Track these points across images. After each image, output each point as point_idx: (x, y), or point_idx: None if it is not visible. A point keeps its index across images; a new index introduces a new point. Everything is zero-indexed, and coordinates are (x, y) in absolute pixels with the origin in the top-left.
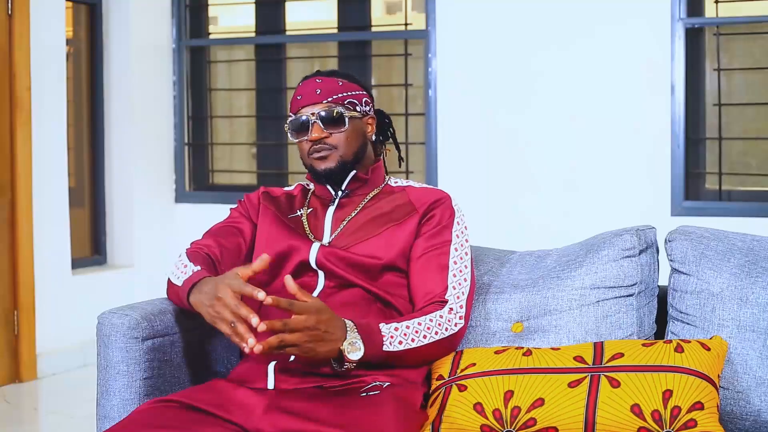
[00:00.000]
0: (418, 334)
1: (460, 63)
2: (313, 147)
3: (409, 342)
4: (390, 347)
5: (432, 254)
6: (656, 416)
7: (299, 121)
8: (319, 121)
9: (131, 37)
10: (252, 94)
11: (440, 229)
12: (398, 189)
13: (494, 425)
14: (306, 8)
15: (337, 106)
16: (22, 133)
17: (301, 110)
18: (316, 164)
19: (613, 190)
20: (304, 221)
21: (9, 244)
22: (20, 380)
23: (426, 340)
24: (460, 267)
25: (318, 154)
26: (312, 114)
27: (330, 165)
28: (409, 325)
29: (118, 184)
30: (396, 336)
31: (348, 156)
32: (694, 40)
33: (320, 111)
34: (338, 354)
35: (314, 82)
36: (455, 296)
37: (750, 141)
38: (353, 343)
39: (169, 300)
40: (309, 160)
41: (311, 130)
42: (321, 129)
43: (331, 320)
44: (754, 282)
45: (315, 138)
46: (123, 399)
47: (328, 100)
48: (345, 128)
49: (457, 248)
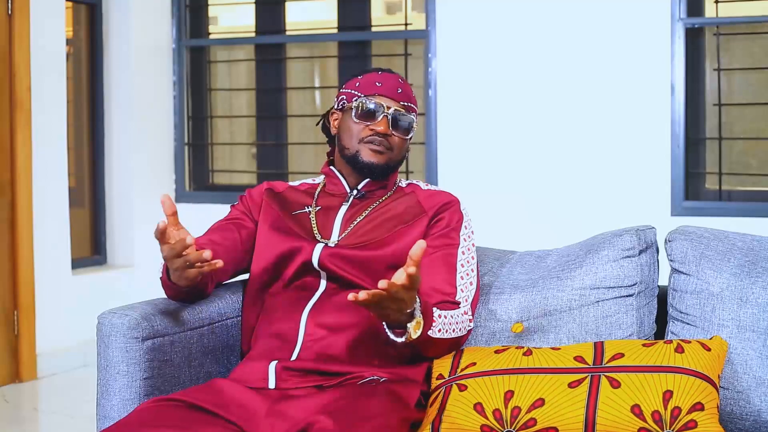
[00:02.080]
0: (450, 326)
1: (460, 63)
2: (372, 138)
3: (444, 333)
4: (433, 333)
5: (440, 253)
6: (656, 417)
7: (372, 105)
8: (390, 118)
9: (131, 37)
10: (252, 94)
11: (448, 231)
12: (408, 190)
13: (494, 425)
14: (306, 8)
15: (409, 113)
16: (22, 133)
17: (377, 97)
18: (367, 155)
19: (613, 190)
20: (312, 218)
21: (9, 244)
22: (20, 380)
23: (454, 334)
24: (467, 270)
25: (376, 146)
26: (387, 107)
27: (380, 161)
28: (445, 316)
29: (118, 184)
30: (437, 323)
31: (394, 162)
32: (694, 40)
33: (396, 109)
34: (400, 323)
35: (396, 80)
36: (465, 299)
37: (750, 141)
38: (419, 322)
39: (168, 297)
40: (359, 144)
41: (380, 121)
42: (388, 126)
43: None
44: (754, 282)
45: (381, 131)
46: (123, 399)
47: (404, 103)
48: (408, 137)
49: (464, 252)
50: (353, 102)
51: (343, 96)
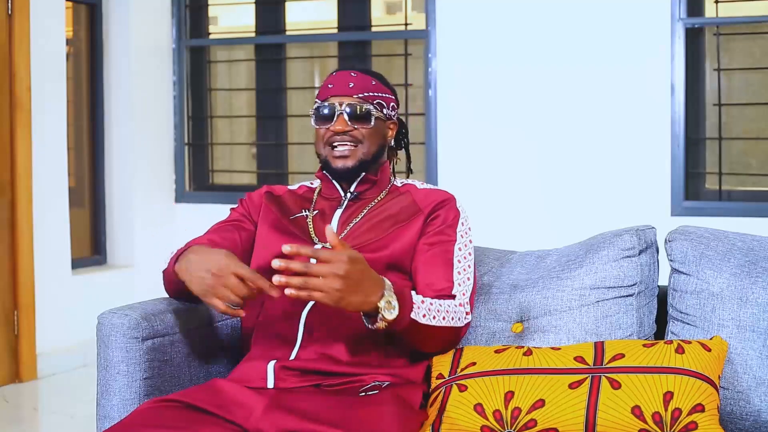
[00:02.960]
0: (439, 314)
1: (460, 63)
2: (335, 138)
3: (431, 318)
4: (417, 316)
5: (437, 250)
6: (657, 418)
7: (325, 108)
8: (345, 114)
9: (131, 37)
10: (252, 94)
11: (444, 228)
12: (403, 189)
13: (494, 426)
14: (306, 8)
15: (366, 103)
16: (22, 133)
17: (330, 99)
18: (334, 161)
19: (613, 190)
20: (309, 223)
21: (9, 244)
22: (20, 380)
23: (444, 322)
24: (464, 266)
25: (341, 148)
26: (340, 104)
27: (348, 164)
28: (432, 303)
29: (118, 184)
30: (422, 308)
31: (368, 156)
32: (694, 40)
33: (349, 104)
34: (372, 310)
35: (348, 75)
36: (461, 293)
37: (750, 141)
38: (390, 302)
39: (167, 292)
40: (325, 151)
41: (336, 121)
42: (346, 122)
43: (366, 272)
44: (754, 282)
45: (339, 130)
46: (123, 399)
47: (359, 95)
48: (370, 126)
49: (461, 248)
50: (312, 110)
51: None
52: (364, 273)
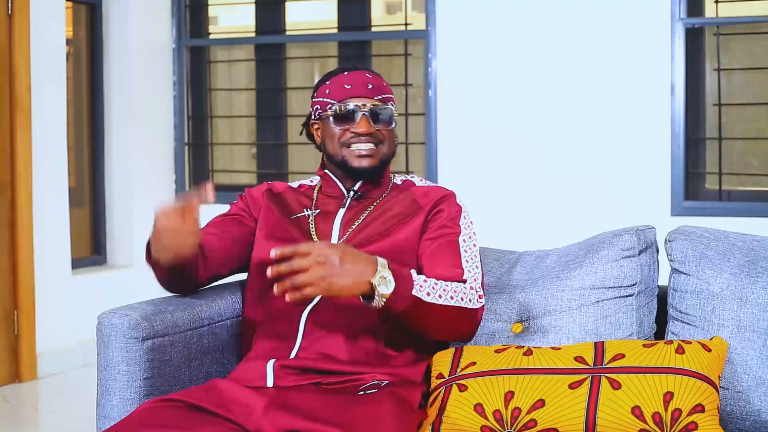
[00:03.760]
0: (446, 293)
1: (460, 63)
2: (354, 139)
3: (437, 297)
4: (420, 293)
5: (442, 241)
6: (657, 418)
7: (347, 109)
8: (369, 115)
9: (131, 37)
10: (252, 94)
11: (447, 221)
12: (403, 187)
13: (495, 426)
14: (306, 8)
15: (385, 104)
16: (22, 133)
17: (349, 100)
18: (357, 160)
19: (613, 190)
20: (311, 222)
21: (9, 244)
22: (20, 380)
23: (453, 301)
24: (471, 255)
25: (364, 148)
26: (363, 106)
27: (371, 164)
28: (437, 282)
29: (118, 184)
30: (425, 286)
31: (388, 156)
32: (694, 40)
33: (371, 105)
34: (369, 290)
35: (364, 76)
36: (472, 278)
37: (750, 141)
38: (384, 277)
39: (157, 280)
40: (343, 151)
41: (359, 122)
42: (369, 123)
43: (352, 254)
44: (754, 282)
45: (363, 131)
46: (123, 399)
47: (379, 97)
48: (390, 127)
49: (465, 240)
50: (328, 110)
51: (318, 105)
52: (349, 255)
